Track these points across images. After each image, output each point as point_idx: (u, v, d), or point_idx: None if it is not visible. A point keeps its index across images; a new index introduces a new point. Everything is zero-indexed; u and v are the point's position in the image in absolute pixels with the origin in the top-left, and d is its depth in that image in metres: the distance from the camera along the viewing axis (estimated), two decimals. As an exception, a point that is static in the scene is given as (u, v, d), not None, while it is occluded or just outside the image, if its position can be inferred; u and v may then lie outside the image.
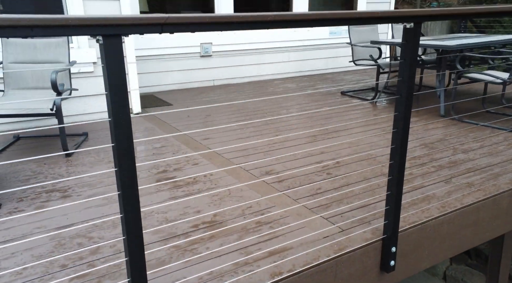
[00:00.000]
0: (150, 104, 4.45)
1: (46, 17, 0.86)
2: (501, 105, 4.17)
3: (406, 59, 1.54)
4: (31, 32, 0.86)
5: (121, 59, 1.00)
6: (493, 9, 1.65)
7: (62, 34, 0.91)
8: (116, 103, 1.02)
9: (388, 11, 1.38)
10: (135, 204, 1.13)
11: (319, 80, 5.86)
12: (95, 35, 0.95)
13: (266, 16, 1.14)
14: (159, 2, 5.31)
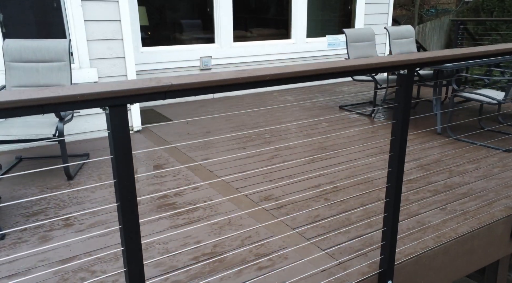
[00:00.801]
0: (150, 119, 4.49)
1: (56, 96, 0.90)
2: (497, 121, 4.22)
3: (400, 103, 1.59)
4: (42, 110, 0.90)
5: (126, 126, 1.04)
6: (487, 52, 1.69)
7: (71, 109, 0.95)
8: (121, 164, 1.06)
9: (383, 62, 1.42)
10: (135, 239, 1.16)
11: (317, 92, 5.91)
12: (102, 107, 1.00)
13: (265, 76, 1.18)
14: (159, 14, 5.34)
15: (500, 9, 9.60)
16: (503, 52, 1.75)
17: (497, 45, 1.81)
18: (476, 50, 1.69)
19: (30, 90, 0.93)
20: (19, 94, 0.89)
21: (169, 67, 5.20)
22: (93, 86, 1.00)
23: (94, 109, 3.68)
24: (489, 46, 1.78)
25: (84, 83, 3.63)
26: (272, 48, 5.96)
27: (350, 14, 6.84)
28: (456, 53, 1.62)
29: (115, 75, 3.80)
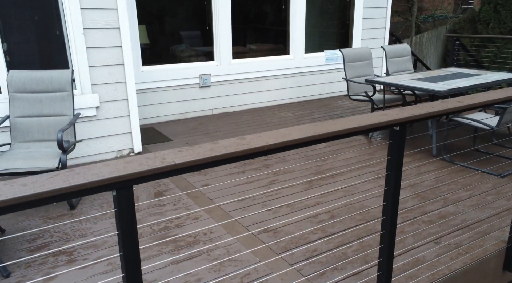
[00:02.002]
0: (150, 139, 4.55)
1: (67, 186, 0.96)
2: (491, 141, 4.29)
3: (393, 156, 1.65)
4: (54, 200, 0.97)
5: (132, 204, 1.10)
6: (473, 104, 1.76)
7: (82, 195, 1.02)
8: (126, 240, 1.12)
9: (376, 122, 1.49)
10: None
11: (315, 107, 5.98)
12: (111, 190, 1.06)
13: (263, 147, 1.25)
14: (159, 32, 5.40)
15: (496, 21, 9.70)
16: (486, 104, 1.82)
17: (482, 94, 1.88)
18: (466, 102, 1.76)
19: (41, 179, 0.99)
20: (33, 185, 0.95)
21: (169, 85, 5.27)
22: (101, 169, 1.06)
23: (94, 132, 3.75)
24: (476, 97, 1.85)
25: (85, 109, 3.69)
26: (271, 64, 6.03)
27: (348, 29, 6.91)
28: (446, 107, 1.69)
29: (116, 99, 3.86)
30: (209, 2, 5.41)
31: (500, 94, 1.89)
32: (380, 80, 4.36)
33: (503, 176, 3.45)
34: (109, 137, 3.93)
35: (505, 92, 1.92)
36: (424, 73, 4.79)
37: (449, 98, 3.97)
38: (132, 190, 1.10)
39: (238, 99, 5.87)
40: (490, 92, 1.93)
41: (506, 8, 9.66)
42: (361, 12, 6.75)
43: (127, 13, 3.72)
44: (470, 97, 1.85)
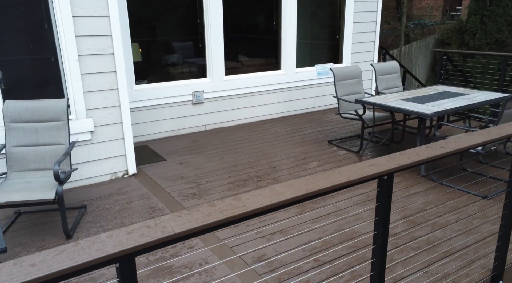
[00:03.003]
0: (144, 159, 4.59)
1: (73, 265, 1.02)
2: (477, 160, 4.41)
3: (381, 202, 1.73)
4: (61, 279, 1.03)
5: (134, 275, 1.16)
6: (459, 149, 1.85)
7: (86, 272, 1.08)
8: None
9: (366, 175, 1.56)
10: None
11: (307, 122, 6.07)
12: (114, 263, 1.12)
13: (257, 209, 1.32)
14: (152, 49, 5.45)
15: (482, 32, 9.91)
16: (470, 147, 1.91)
17: (465, 137, 1.97)
18: (450, 148, 1.84)
19: (48, 257, 1.05)
20: (41, 265, 1.01)
21: (162, 102, 5.32)
22: (105, 243, 1.12)
23: (89, 156, 3.79)
24: (460, 140, 1.94)
25: (80, 134, 3.73)
26: (263, 80, 6.11)
27: (338, 43, 7.03)
28: (431, 154, 1.77)
29: (110, 123, 3.90)
30: (201, 20, 5.47)
31: (483, 137, 1.99)
32: (370, 100, 4.46)
33: (488, 198, 3.56)
34: (104, 160, 3.97)
35: (487, 135, 2.02)
36: (412, 92, 4.91)
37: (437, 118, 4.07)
38: (134, 261, 1.16)
39: (231, 114, 5.94)
40: (474, 134, 2.03)
41: (492, 20, 9.89)
42: (351, 26, 6.86)
43: (121, 37, 3.77)
44: (454, 140, 1.94)
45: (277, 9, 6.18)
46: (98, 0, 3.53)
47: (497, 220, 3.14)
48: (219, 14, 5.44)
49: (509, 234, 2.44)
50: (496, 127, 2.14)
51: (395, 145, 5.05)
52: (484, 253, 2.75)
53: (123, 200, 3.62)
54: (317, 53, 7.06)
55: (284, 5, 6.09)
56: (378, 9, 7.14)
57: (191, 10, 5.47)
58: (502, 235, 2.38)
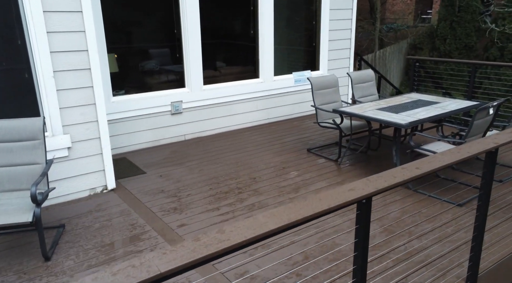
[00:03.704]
0: (123, 173, 4.54)
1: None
2: (452, 167, 4.57)
3: (360, 225, 1.79)
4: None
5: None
6: (430, 170, 1.93)
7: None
8: None
9: (346, 201, 1.62)
10: None
11: (286, 129, 6.13)
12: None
13: (242, 242, 1.35)
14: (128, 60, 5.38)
15: (452, 37, 10.25)
16: (443, 167, 2.00)
17: (439, 157, 2.05)
18: (424, 169, 1.92)
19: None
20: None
21: (140, 114, 5.27)
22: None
23: (67, 173, 3.72)
24: (434, 160, 2.02)
25: (57, 151, 3.66)
26: (242, 88, 6.14)
27: (315, 50, 7.14)
28: (407, 176, 1.84)
29: (88, 139, 3.85)
30: (179, 30, 5.46)
31: (454, 157, 2.08)
32: (347, 110, 4.55)
33: (461, 204, 3.70)
34: (82, 176, 3.91)
35: (459, 154, 2.11)
36: (387, 101, 5.04)
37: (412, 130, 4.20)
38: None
39: (210, 123, 5.94)
40: (446, 154, 2.11)
41: (461, 25, 10.24)
42: (327, 34, 6.98)
43: (97, 49, 3.72)
44: (428, 161, 2.02)
45: (254, 19, 6.23)
46: (74, 16, 3.48)
47: (470, 227, 3.27)
48: (196, 24, 5.44)
49: (481, 242, 2.55)
50: (467, 145, 2.24)
51: (372, 153, 5.17)
52: (458, 261, 2.86)
53: (103, 217, 3.57)
54: (294, 60, 7.15)
55: (261, 16, 6.15)
56: (352, 17, 7.29)
57: (168, 19, 5.45)
58: (475, 246, 2.49)
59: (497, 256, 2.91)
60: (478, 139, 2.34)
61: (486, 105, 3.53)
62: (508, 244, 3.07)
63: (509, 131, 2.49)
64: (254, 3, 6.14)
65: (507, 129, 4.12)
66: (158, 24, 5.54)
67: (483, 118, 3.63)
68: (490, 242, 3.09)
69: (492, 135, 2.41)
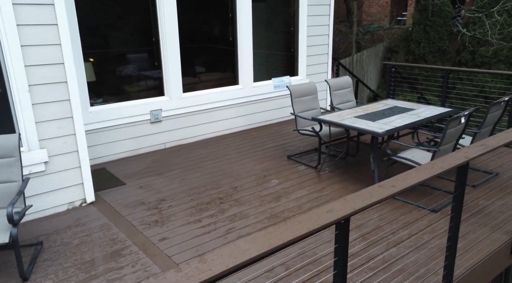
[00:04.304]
0: (103, 184, 4.49)
1: None
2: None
3: (339, 244, 1.84)
4: None
5: None
6: (405, 188, 2.00)
7: None
8: None
9: (323, 224, 1.66)
10: None
11: (266, 135, 6.17)
12: None
13: (223, 271, 1.37)
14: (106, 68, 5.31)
15: (426, 41, 10.53)
16: (417, 183, 2.07)
17: (413, 173, 2.13)
18: (400, 186, 1.99)
19: None
20: None
21: (119, 123, 5.21)
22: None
23: (44, 187, 3.64)
24: (409, 177, 2.09)
25: (33, 166, 3.59)
26: (221, 95, 6.15)
27: (293, 56, 7.21)
28: (383, 195, 1.90)
29: (66, 152, 3.79)
30: (157, 39, 5.43)
31: (428, 173, 2.16)
32: (326, 119, 4.63)
33: (436, 211, 3.82)
34: (60, 190, 3.84)
35: (432, 170, 2.19)
36: (364, 108, 5.14)
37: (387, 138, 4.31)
38: None
39: (190, 131, 5.93)
40: (421, 170, 2.19)
41: (434, 29, 10.53)
42: (305, 40, 7.06)
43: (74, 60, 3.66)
44: (403, 178, 2.09)
45: (233, 26, 6.25)
46: (49, 29, 3.42)
47: (445, 233, 3.38)
48: (174, 31, 5.42)
49: (455, 253, 2.65)
50: (439, 160, 2.33)
51: (351, 158, 5.27)
52: (433, 269, 2.96)
53: (82, 233, 3.52)
54: (274, 66, 7.21)
55: (240, 22, 6.17)
56: (330, 23, 7.40)
57: (146, 25, 5.41)
58: (449, 255, 2.59)
59: (470, 263, 3.03)
60: (450, 153, 2.43)
61: (458, 115, 3.65)
62: (480, 250, 3.19)
63: (478, 144, 2.60)
64: (233, 10, 6.16)
65: (477, 138, 4.26)
66: (135, 31, 5.48)
67: (455, 127, 3.76)
68: (464, 248, 3.20)
69: (463, 149, 2.51)
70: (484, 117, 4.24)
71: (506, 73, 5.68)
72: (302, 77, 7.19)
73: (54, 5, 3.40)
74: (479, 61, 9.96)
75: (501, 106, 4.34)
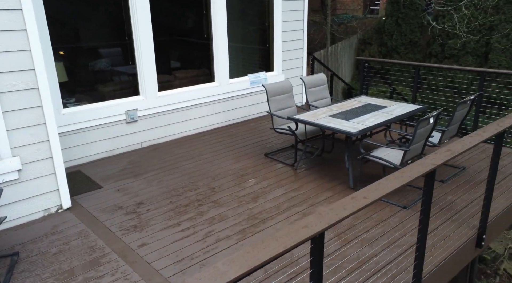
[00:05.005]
0: (79, 188, 4.44)
1: None
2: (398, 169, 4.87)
3: (315, 257, 1.92)
4: None
5: None
6: (376, 199, 2.10)
7: None
8: None
9: (300, 240, 1.73)
10: None
11: (244, 132, 6.22)
12: None
13: (205, 296, 1.43)
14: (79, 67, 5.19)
15: (398, 33, 10.74)
16: (386, 195, 2.17)
17: (384, 184, 2.23)
18: (371, 198, 2.09)
19: None
20: None
21: (94, 124, 5.13)
22: None
23: (18, 196, 3.59)
24: (380, 188, 2.19)
25: (6, 174, 3.52)
26: (198, 93, 6.13)
27: (269, 51, 7.23)
28: (356, 207, 1.99)
29: (40, 159, 3.73)
30: (130, 39, 5.34)
31: (398, 182, 2.26)
32: (301, 118, 4.71)
33: (407, 207, 3.99)
34: (35, 197, 3.79)
35: (402, 179, 2.30)
36: (339, 106, 5.25)
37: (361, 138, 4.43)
38: None
39: (167, 130, 5.90)
40: (391, 179, 2.29)
41: (406, 22, 10.74)
42: (280, 35, 7.09)
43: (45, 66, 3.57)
44: (374, 188, 2.19)
45: (208, 23, 6.20)
46: (17, 35, 3.32)
47: (415, 231, 3.55)
48: (148, 30, 5.34)
49: (424, 249, 2.79)
50: (408, 168, 2.44)
51: (327, 155, 5.39)
52: (405, 267, 3.11)
53: (59, 241, 3.50)
54: (249, 62, 7.21)
55: (214, 19, 6.13)
56: (304, 18, 7.45)
57: (120, 24, 5.30)
58: (418, 255, 2.73)
59: (438, 259, 3.20)
60: (419, 161, 2.55)
61: (427, 116, 3.80)
62: (449, 246, 3.37)
63: (445, 150, 2.73)
64: (207, 7, 6.11)
65: (445, 134, 4.44)
66: (109, 27, 5.37)
67: (424, 127, 3.91)
68: (433, 245, 3.38)
69: (430, 155, 2.63)
70: (452, 115, 4.42)
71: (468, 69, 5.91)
72: (278, 72, 7.24)
73: (22, 10, 3.31)
74: (448, 53, 10.25)
75: (467, 105, 4.53)
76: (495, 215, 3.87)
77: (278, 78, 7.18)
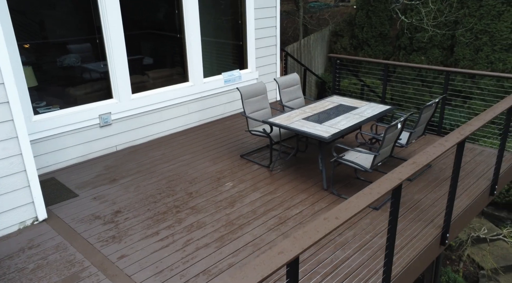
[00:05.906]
0: (54, 198, 4.41)
1: None
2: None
3: (290, 279, 2.04)
4: None
5: None
6: (348, 218, 2.23)
7: None
8: None
9: (276, 268, 1.85)
10: None
11: (219, 131, 6.27)
12: None
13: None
14: (49, 71, 5.07)
15: (368, 25, 10.93)
16: (360, 211, 2.31)
17: (356, 202, 2.37)
18: (343, 217, 2.22)
19: None
20: None
21: (67, 130, 5.06)
22: None
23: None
24: (353, 205, 2.33)
25: (-21, 191, 3.47)
26: (172, 93, 6.12)
27: (242, 49, 7.25)
28: (328, 228, 2.12)
29: (13, 173, 3.68)
30: (101, 40, 5.24)
31: (367, 199, 2.41)
32: (276, 121, 4.81)
33: (377, 208, 4.19)
34: (9, 211, 3.75)
35: (371, 196, 2.44)
36: (312, 107, 5.38)
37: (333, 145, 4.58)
38: None
39: (142, 132, 5.88)
40: (360, 197, 2.43)
41: (376, 15, 10.93)
42: (253, 33, 7.11)
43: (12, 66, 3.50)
44: (345, 207, 2.32)
45: (180, 22, 6.15)
46: (-16, 50, 3.23)
47: (385, 233, 3.75)
48: (119, 27, 5.26)
49: (393, 249, 2.96)
50: (376, 184, 2.59)
51: (301, 154, 5.53)
52: (375, 269, 3.31)
53: (37, 255, 3.50)
54: (223, 60, 7.21)
55: (187, 22, 6.08)
56: (277, 15, 7.48)
57: (89, 24, 5.19)
58: (387, 262, 2.91)
59: (406, 261, 3.41)
60: (386, 176, 2.70)
61: (395, 123, 3.97)
62: (417, 247, 3.59)
63: (410, 163, 2.90)
64: (179, 7, 6.04)
65: (412, 135, 4.62)
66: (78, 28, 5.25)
67: (393, 132, 4.09)
68: (401, 246, 3.58)
69: (396, 169, 2.79)
70: (418, 118, 4.62)
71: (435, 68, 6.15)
72: (252, 70, 7.28)
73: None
74: (416, 46, 10.54)
75: (432, 107, 4.74)
76: (458, 214, 4.12)
77: (252, 75, 7.23)
